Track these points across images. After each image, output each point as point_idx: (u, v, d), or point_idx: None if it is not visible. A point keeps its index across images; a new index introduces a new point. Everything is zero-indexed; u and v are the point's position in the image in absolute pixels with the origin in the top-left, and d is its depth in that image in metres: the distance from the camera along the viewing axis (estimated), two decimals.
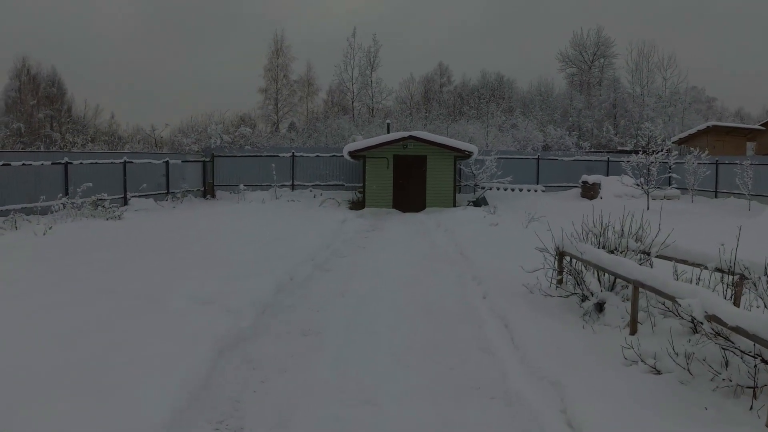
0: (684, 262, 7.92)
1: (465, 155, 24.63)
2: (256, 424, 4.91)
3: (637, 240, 8.26)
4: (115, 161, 24.33)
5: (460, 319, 8.03)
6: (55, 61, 72.26)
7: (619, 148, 46.49)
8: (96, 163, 23.33)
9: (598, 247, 8.23)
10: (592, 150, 41.62)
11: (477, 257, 12.11)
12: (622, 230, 8.57)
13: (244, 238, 15.01)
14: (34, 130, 52.00)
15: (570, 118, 57.93)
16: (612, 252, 8.26)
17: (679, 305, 5.46)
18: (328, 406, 5.22)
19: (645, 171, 25.03)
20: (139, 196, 25.04)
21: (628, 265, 6.60)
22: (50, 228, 15.89)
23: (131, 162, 24.95)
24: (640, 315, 6.82)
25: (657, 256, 8.11)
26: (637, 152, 26.34)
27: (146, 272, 10.08)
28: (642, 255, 8.15)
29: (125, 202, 24.31)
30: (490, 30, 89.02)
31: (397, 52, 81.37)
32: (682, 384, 5.44)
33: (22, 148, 36.19)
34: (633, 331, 6.59)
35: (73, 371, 5.38)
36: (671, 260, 8.17)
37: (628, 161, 25.74)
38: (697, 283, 7.04)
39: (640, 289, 6.52)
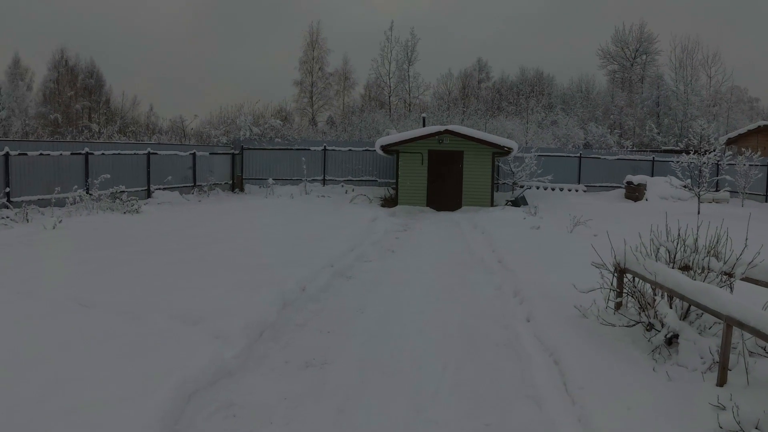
0: None
1: (504, 151, 23.05)
2: None
3: (716, 257, 6.77)
4: (139, 152, 23.45)
5: (500, 351, 6.61)
6: (95, 54, 72.48)
7: (663, 147, 44.31)
8: (119, 154, 22.47)
9: (671, 266, 6.77)
10: (635, 149, 39.44)
11: (518, 267, 10.65)
12: (695, 243, 7.09)
13: (264, 237, 13.83)
14: (72, 121, 51.84)
15: (611, 116, 55.70)
16: (684, 270, 6.81)
17: None
18: None
19: (696, 172, 23.16)
20: (164, 189, 24.19)
21: (719, 296, 5.12)
22: (60, 222, 14.96)
23: (155, 153, 24.06)
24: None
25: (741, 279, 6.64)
26: (687, 152, 24.46)
27: (141, 279, 8.90)
28: (723, 276, 6.67)
29: (149, 194, 23.51)
30: (529, 25, 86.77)
31: (435, 47, 79.77)
32: None
33: (56, 138, 35.54)
34: (722, 382, 5.12)
35: None
36: (759, 284, 6.71)
37: (678, 161, 23.89)
38: None
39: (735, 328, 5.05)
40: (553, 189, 28.98)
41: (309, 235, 14.13)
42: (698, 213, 21.75)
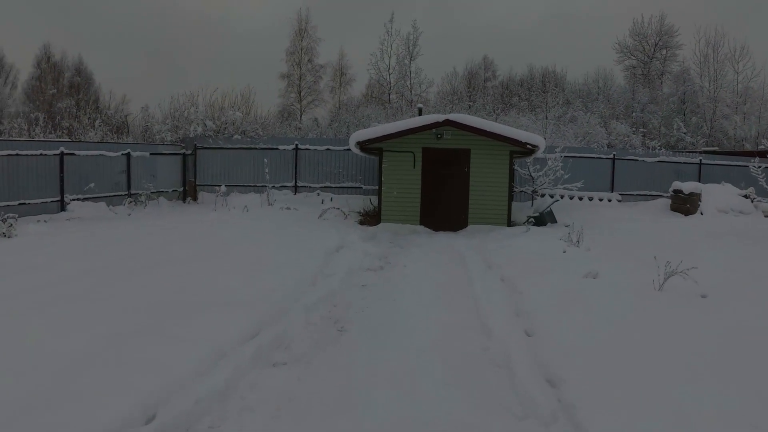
0: None
1: (526, 150, 16.88)
2: None
3: None
4: (47, 152, 17.80)
5: None
6: (90, 53, 66.83)
7: (704, 148, 38.41)
8: (17, 154, 16.84)
9: None
10: (659, 149, 33.19)
11: (600, 411, 4.75)
12: None
13: (94, 311, 8.02)
14: (56, 121, 46.70)
15: (633, 114, 49.82)
16: None
17: None
18: None
19: None
20: (84, 200, 18.60)
21: None
22: None
23: (72, 154, 18.43)
24: None
25: None
26: (753, 154, 18.55)
27: None
28: None
29: (62, 207, 17.95)
30: (537, 20, 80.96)
31: (439, 41, 73.75)
32: None
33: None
34: None
35: None
36: None
37: (759, 166, 17.99)
38: None
39: None
40: (580, 198, 23.19)
41: (188, 300, 8.03)
42: None
